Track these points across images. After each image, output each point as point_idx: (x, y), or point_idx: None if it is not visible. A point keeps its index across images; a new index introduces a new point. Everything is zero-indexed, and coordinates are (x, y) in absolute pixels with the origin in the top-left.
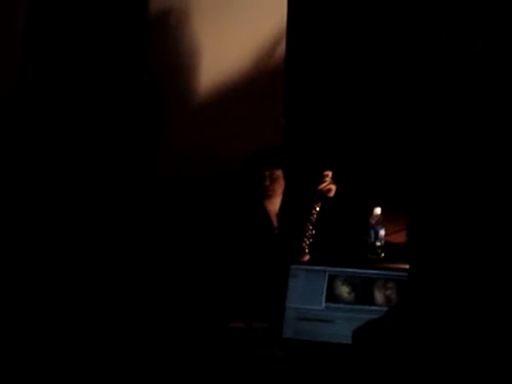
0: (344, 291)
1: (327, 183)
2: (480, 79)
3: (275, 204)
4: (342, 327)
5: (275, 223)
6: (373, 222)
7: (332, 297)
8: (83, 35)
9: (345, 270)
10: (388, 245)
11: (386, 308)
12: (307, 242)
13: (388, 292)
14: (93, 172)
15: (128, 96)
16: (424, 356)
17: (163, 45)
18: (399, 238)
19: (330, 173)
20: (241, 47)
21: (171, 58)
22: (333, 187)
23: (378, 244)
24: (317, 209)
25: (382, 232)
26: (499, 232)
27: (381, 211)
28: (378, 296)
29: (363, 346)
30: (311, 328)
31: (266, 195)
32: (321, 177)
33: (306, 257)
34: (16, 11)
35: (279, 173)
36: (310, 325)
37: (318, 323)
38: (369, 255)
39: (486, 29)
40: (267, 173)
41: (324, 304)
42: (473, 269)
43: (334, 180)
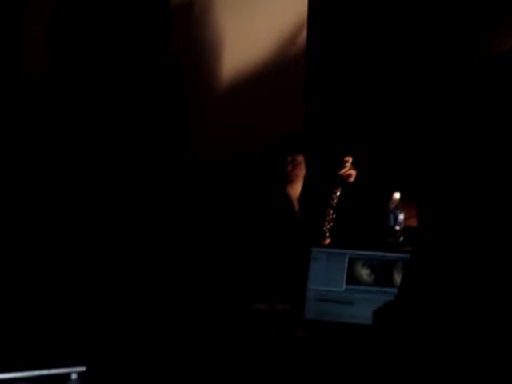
0: (364, 273)
1: (347, 168)
2: (497, 77)
3: (297, 189)
4: (362, 308)
5: (297, 207)
6: (392, 207)
7: (352, 279)
8: (107, 25)
9: (365, 253)
10: (407, 229)
11: None
12: (328, 226)
13: None
14: (120, 158)
15: (153, 82)
16: (432, 340)
17: (188, 34)
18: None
19: (351, 158)
20: (263, 34)
21: (196, 47)
22: (353, 172)
23: (397, 228)
24: (337, 193)
25: (401, 216)
26: (505, 227)
27: (400, 196)
28: (397, 278)
29: (383, 327)
30: (332, 309)
31: (289, 180)
32: (341, 162)
33: (327, 240)
34: (42, 4)
35: (301, 158)
36: (331, 306)
37: (339, 305)
38: (388, 239)
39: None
40: (289, 158)
41: (344, 286)
42: (475, 256)
43: (354, 165)
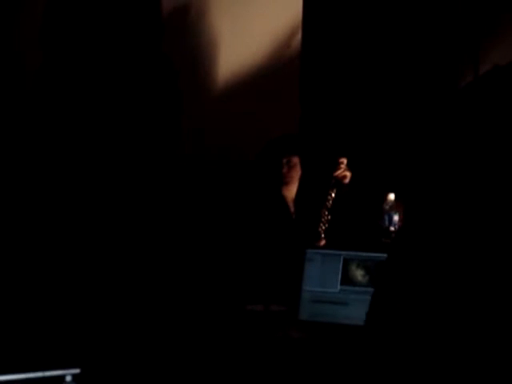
0: (358, 274)
1: (342, 170)
2: (492, 86)
3: (292, 190)
4: (357, 309)
5: (292, 209)
6: (387, 208)
7: (347, 280)
8: (99, 29)
9: (359, 254)
10: None
11: None
12: (323, 227)
13: None
14: (114, 161)
15: (146, 85)
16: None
17: (184, 37)
18: None
19: (345, 160)
20: (258, 38)
21: (192, 50)
22: (348, 174)
23: (392, 229)
24: (332, 195)
25: (396, 217)
26: (493, 232)
27: (394, 197)
28: None
29: (376, 326)
30: (326, 310)
31: (284, 182)
32: (336, 164)
33: (322, 241)
34: (34, 7)
35: (296, 160)
36: (326, 307)
37: (333, 305)
38: (383, 239)
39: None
40: (285, 160)
41: (339, 287)
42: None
43: (349, 167)
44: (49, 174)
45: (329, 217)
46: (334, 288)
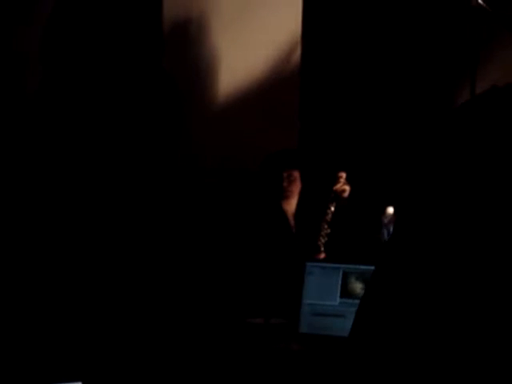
0: (358, 287)
1: (342, 184)
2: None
3: (292, 204)
4: None
5: (292, 223)
6: (386, 221)
7: (346, 293)
8: (98, 43)
9: (358, 267)
10: None
11: None
12: (322, 241)
13: None
14: (115, 174)
15: (147, 100)
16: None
17: (184, 52)
18: None
19: (344, 174)
20: (258, 53)
21: (192, 65)
22: (347, 188)
23: None
24: (332, 208)
25: None
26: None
27: (393, 210)
28: None
29: (373, 337)
30: (326, 323)
31: (284, 196)
32: (335, 178)
33: (322, 255)
34: (35, 22)
35: (297, 174)
36: (325, 320)
37: (333, 318)
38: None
39: None
40: (285, 174)
41: (338, 300)
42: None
43: (348, 181)
44: (50, 185)
45: (328, 230)
46: (334, 301)
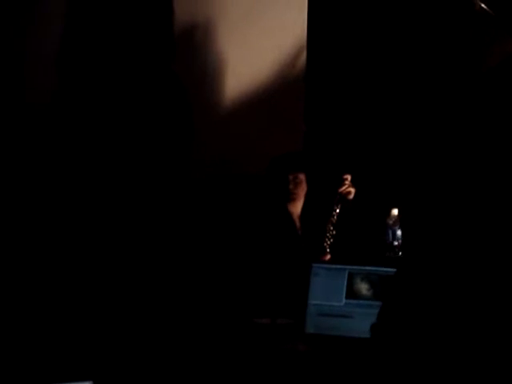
0: (363, 288)
1: (347, 186)
2: (489, 91)
3: (298, 206)
4: (362, 322)
5: (298, 224)
6: (390, 223)
7: (352, 293)
8: (113, 52)
9: (364, 268)
10: None
11: None
12: (328, 242)
13: None
14: (126, 181)
15: (157, 104)
16: (429, 349)
17: (191, 57)
18: None
19: (350, 176)
20: (264, 57)
21: (199, 70)
22: (352, 190)
23: (396, 243)
24: (337, 210)
25: (399, 232)
26: (488, 232)
27: (398, 212)
28: None
29: (380, 339)
30: (332, 323)
31: (290, 198)
32: (341, 180)
33: (327, 256)
34: (49, 33)
35: (302, 177)
36: (331, 320)
37: (339, 319)
38: (387, 254)
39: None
40: (291, 177)
41: (344, 300)
42: (462, 261)
43: (353, 183)
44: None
45: (334, 232)
46: (340, 302)
